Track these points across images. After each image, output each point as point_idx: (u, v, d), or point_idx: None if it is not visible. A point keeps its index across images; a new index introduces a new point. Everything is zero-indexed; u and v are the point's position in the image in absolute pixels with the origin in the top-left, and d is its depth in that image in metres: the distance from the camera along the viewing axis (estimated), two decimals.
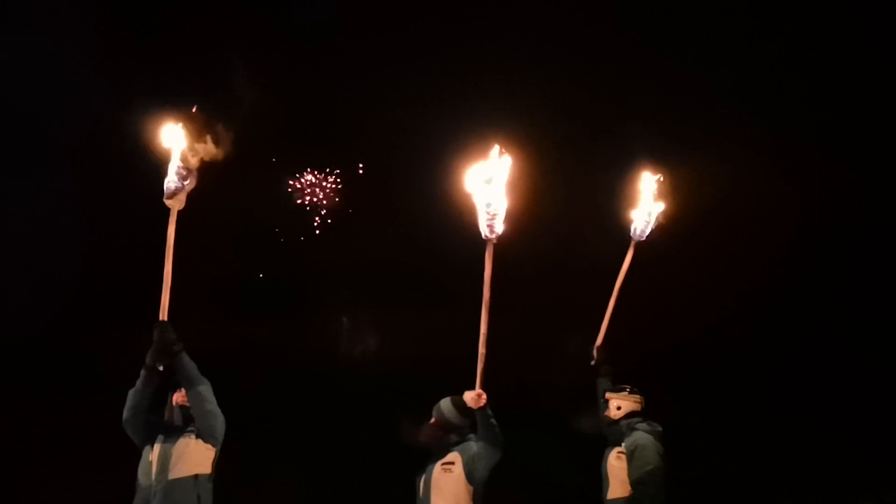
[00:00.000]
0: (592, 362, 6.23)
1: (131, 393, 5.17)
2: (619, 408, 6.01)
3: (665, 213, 6.29)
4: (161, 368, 5.13)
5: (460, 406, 5.61)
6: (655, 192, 6.27)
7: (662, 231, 6.31)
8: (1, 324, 8.85)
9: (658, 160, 6.38)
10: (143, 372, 5.14)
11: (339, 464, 9.22)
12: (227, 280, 9.19)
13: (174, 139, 5.30)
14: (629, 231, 6.32)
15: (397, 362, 8.98)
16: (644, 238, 6.28)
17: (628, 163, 6.38)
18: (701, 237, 8.19)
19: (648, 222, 6.24)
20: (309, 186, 9.67)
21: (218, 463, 5.15)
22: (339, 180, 9.45)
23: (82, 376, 8.90)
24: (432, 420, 5.64)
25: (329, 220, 9.72)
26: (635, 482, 5.69)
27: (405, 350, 9.04)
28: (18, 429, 8.72)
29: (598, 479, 6.07)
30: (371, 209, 9.55)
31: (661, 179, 6.27)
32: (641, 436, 5.83)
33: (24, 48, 8.76)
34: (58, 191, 9.12)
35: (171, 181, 5.27)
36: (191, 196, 5.29)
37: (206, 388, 5.13)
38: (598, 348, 6.23)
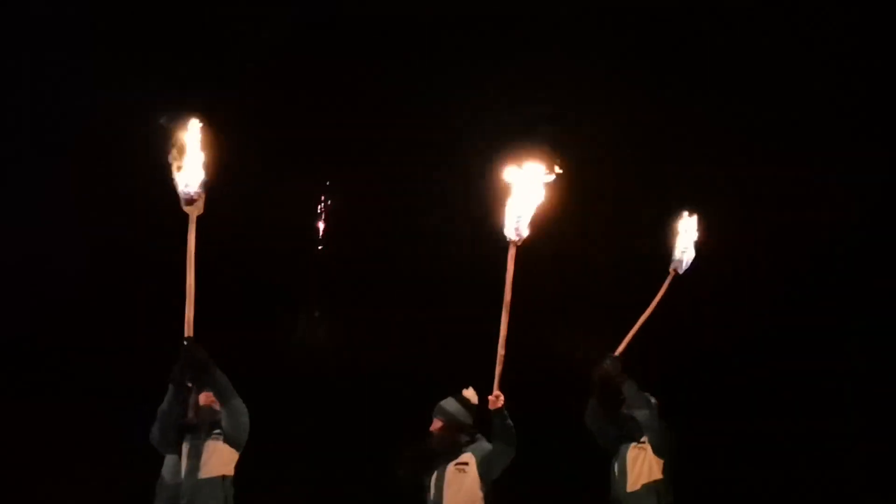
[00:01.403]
0: (605, 365, 6.17)
1: (161, 413, 5.11)
2: None
3: (705, 248, 6.40)
4: (190, 385, 5.11)
5: (466, 403, 5.66)
6: (698, 228, 6.36)
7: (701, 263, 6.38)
8: (11, 330, 8.83)
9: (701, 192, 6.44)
10: (171, 388, 5.08)
11: (349, 466, 9.22)
12: (233, 283, 9.17)
13: (188, 141, 5.07)
14: (668, 261, 6.38)
15: (413, 363, 8.98)
16: (682, 272, 6.33)
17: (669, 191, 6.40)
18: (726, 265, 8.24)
19: (688, 255, 6.28)
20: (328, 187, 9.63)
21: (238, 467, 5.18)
22: (360, 179, 9.38)
23: (95, 380, 8.91)
24: (440, 424, 5.63)
25: (345, 221, 9.68)
26: (670, 452, 5.91)
27: (418, 351, 9.05)
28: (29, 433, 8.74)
29: (604, 479, 6.14)
30: (390, 211, 9.53)
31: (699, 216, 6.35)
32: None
33: (40, 48, 8.71)
34: (66, 194, 9.08)
35: (187, 186, 5.04)
36: (210, 200, 5.09)
37: (240, 402, 5.13)
38: (615, 357, 6.18)
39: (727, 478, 9.17)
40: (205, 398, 5.15)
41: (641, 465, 5.89)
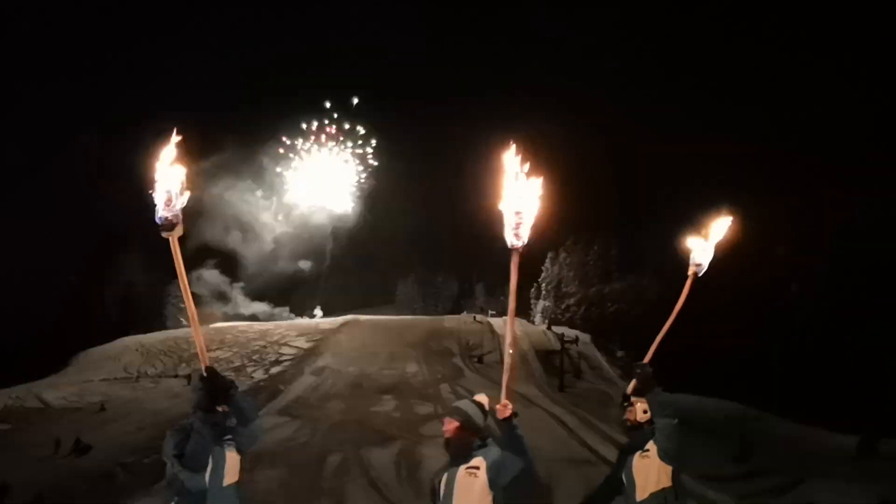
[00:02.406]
0: (639, 374, 6.08)
1: (198, 445, 5.09)
2: (645, 411, 6.03)
3: (722, 250, 6.29)
4: (220, 409, 5.21)
5: (480, 406, 5.72)
6: (721, 232, 6.28)
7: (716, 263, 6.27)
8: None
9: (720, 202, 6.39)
10: (202, 417, 5.12)
11: (357, 463, 9.20)
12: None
13: (164, 165, 4.98)
14: (688, 263, 6.28)
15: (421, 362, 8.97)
16: (702, 272, 6.24)
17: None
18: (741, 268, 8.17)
19: (707, 257, 6.23)
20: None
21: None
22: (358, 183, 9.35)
23: None
24: (457, 424, 5.68)
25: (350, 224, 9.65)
26: (679, 460, 5.84)
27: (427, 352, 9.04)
28: None
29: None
30: (394, 215, 9.53)
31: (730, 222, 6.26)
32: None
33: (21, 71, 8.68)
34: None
35: (164, 212, 4.99)
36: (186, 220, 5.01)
37: (259, 422, 5.30)
38: (643, 364, 6.09)
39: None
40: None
41: (647, 474, 5.84)
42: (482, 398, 5.77)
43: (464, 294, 56.10)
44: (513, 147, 5.41)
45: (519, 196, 5.41)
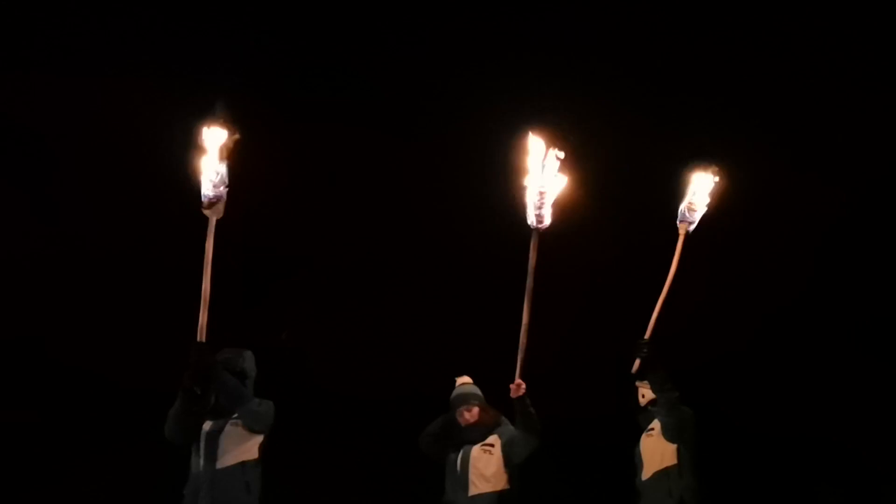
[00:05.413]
0: (644, 353, 5.83)
1: (172, 415, 5.04)
2: (643, 395, 6.00)
3: (716, 206, 6.04)
4: (199, 392, 5.02)
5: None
6: (709, 186, 6.01)
7: (712, 224, 6.06)
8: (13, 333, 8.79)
9: (711, 154, 6.20)
10: (181, 394, 4.99)
11: (382, 447, 9.19)
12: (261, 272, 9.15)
13: (211, 142, 5.04)
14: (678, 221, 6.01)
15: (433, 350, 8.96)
16: (692, 229, 5.97)
17: (682, 155, 6.18)
18: (748, 233, 8.11)
19: (696, 213, 5.96)
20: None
21: (267, 447, 5.14)
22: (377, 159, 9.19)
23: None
24: (477, 407, 5.71)
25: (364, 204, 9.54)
26: (683, 437, 5.71)
27: (440, 339, 9.03)
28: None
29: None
30: (409, 191, 9.40)
31: (717, 173, 5.99)
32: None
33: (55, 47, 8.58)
34: (77, 197, 9.03)
35: (209, 189, 5.01)
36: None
37: (253, 403, 5.08)
38: (646, 342, 5.85)
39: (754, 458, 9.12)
40: None
41: (652, 452, 5.80)
42: (465, 379, 5.88)
43: None
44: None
45: (543, 176, 5.36)
